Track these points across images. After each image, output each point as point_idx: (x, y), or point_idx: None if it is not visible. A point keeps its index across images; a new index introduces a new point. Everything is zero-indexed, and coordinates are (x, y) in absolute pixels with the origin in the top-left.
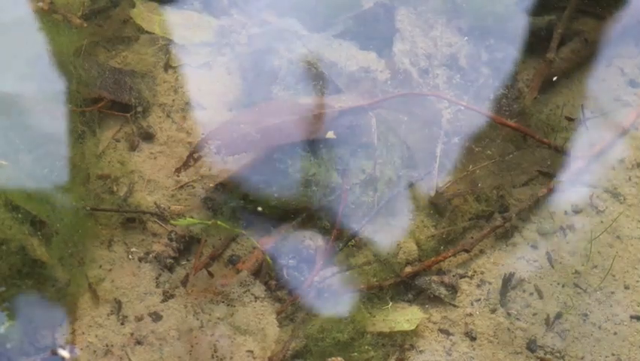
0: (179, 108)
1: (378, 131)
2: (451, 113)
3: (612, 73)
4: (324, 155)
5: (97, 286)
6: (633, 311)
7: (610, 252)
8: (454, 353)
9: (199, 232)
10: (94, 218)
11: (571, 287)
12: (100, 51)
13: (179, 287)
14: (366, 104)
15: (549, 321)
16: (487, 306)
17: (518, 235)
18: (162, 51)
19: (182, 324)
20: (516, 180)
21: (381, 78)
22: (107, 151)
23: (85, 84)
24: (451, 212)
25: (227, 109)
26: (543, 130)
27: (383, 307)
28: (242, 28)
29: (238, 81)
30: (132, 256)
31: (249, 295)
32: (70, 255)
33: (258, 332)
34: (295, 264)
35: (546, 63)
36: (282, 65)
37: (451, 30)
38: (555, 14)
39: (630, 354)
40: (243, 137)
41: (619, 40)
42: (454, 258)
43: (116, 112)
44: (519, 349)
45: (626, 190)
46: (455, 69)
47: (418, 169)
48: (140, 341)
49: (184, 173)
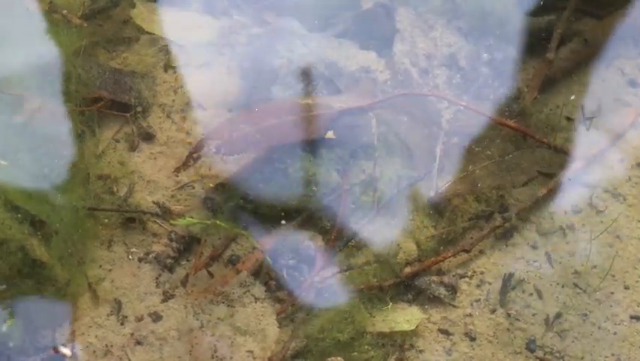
0: (179, 108)
1: (378, 131)
2: (451, 113)
3: (612, 73)
4: (324, 155)
5: (97, 286)
6: (633, 311)
7: (610, 252)
8: (453, 353)
9: (199, 232)
10: (94, 218)
11: (570, 287)
12: (100, 51)
13: (179, 287)
14: (366, 105)
15: (549, 321)
16: (487, 306)
17: (518, 235)
18: (162, 51)
19: (182, 324)
20: (516, 180)
21: (381, 78)
22: (106, 151)
23: (85, 84)
24: (451, 212)
25: (227, 109)
26: (543, 130)
27: (383, 308)
28: (242, 29)
29: (238, 81)
30: (132, 256)
31: (249, 295)
32: (70, 255)
33: (258, 332)
34: (295, 264)
35: (546, 63)
36: (282, 65)
37: (451, 30)
38: (555, 14)
39: (630, 354)
40: (243, 137)
41: (619, 40)
42: (454, 258)
43: (115, 112)
44: (519, 349)
45: (626, 190)
46: (455, 69)
47: (418, 169)
48: (140, 342)
49: (184, 173)
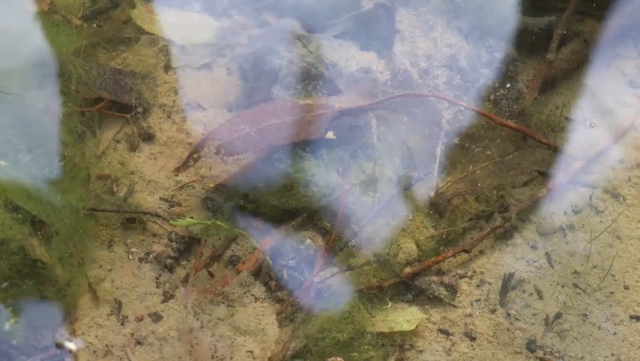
0: (180, 109)
1: (378, 131)
2: (451, 113)
3: (612, 73)
4: (324, 155)
5: (97, 287)
6: (633, 311)
7: (610, 252)
8: (453, 353)
9: (199, 233)
10: (94, 218)
11: (570, 287)
12: (100, 52)
13: (179, 287)
14: (366, 105)
15: (549, 321)
16: (487, 306)
17: (518, 235)
18: (162, 52)
19: (182, 324)
20: (516, 180)
21: (381, 79)
22: (107, 152)
23: (85, 85)
24: (451, 212)
25: (227, 109)
26: (543, 130)
27: (383, 308)
28: (242, 29)
29: (238, 82)
30: (132, 256)
31: (249, 295)
32: (70, 255)
33: (258, 332)
34: (295, 264)
35: (546, 63)
36: (282, 65)
37: (451, 31)
38: (555, 15)
39: (630, 354)
40: (243, 137)
41: (618, 40)
42: (454, 258)
43: (116, 113)
44: (519, 349)
45: (626, 190)
46: (455, 70)
47: (418, 169)
48: (140, 342)
49: (184, 173)
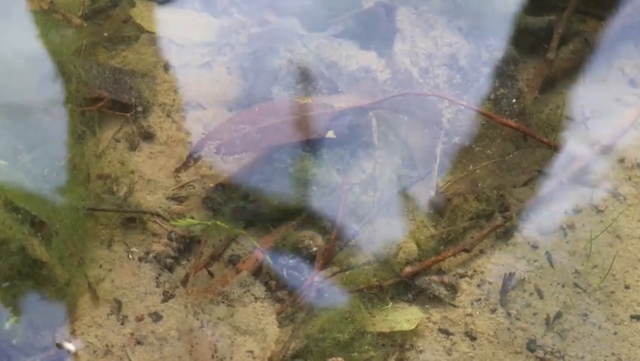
0: (180, 108)
1: (378, 131)
2: (452, 113)
3: (612, 73)
4: (324, 155)
5: (97, 286)
6: (633, 311)
7: (610, 252)
8: (454, 353)
9: (199, 232)
10: (94, 218)
11: (571, 287)
12: (100, 51)
13: (179, 287)
14: (366, 104)
15: (549, 321)
16: (487, 306)
17: (518, 235)
18: (162, 51)
19: (182, 324)
20: (516, 179)
21: (381, 78)
22: (107, 151)
23: (85, 84)
24: (451, 212)
25: (227, 109)
26: (543, 130)
27: (383, 307)
28: (242, 28)
29: (238, 81)
30: (132, 255)
31: (249, 295)
32: (70, 255)
33: (258, 332)
34: (295, 264)
35: (546, 63)
36: (282, 65)
37: (452, 30)
38: (555, 14)
39: (630, 354)
40: (243, 137)
41: (619, 40)
42: (454, 258)
43: (116, 112)
44: (519, 349)
45: (626, 190)
46: (455, 69)
47: (418, 169)
48: (140, 341)
49: (184, 173)
